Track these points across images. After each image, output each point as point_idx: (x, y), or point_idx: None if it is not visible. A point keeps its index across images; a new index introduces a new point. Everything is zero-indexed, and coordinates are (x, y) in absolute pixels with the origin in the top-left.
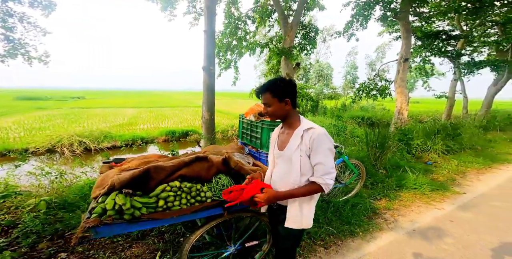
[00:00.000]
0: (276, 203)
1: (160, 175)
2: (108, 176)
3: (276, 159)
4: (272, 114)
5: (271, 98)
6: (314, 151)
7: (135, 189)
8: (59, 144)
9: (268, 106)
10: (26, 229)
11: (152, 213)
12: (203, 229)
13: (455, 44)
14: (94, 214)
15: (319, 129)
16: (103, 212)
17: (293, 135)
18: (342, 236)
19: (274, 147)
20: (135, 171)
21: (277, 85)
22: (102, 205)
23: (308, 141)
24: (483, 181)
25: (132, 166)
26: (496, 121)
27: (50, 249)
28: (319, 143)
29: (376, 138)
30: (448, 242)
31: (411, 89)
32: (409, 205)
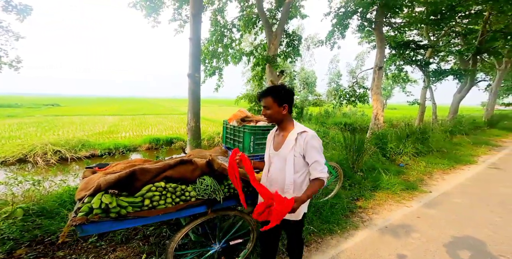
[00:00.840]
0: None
1: (146, 176)
2: (92, 179)
3: (271, 158)
4: (270, 116)
5: (271, 102)
6: (308, 152)
7: (121, 190)
8: (32, 154)
9: (268, 109)
10: (3, 236)
11: (138, 211)
12: (188, 227)
13: (424, 54)
14: (80, 212)
15: (311, 132)
16: (90, 211)
17: (288, 137)
18: (322, 234)
19: (270, 147)
20: (122, 173)
21: (279, 91)
22: (89, 204)
23: (303, 143)
24: (447, 180)
25: (117, 169)
26: (461, 126)
27: (29, 254)
28: (312, 144)
29: (353, 142)
30: (415, 237)
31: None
32: (382, 204)
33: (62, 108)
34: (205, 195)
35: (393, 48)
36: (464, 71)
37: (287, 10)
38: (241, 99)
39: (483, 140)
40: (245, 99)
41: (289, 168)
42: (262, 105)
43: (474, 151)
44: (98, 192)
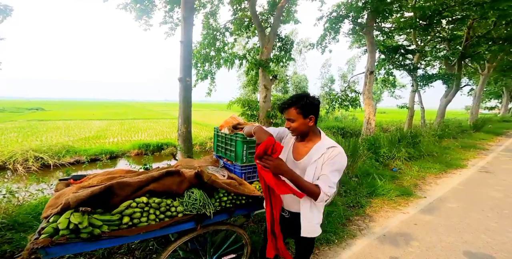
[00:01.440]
0: (287, 211)
1: (125, 191)
2: (63, 194)
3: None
4: (295, 129)
5: (296, 114)
6: (326, 164)
7: (96, 207)
8: (12, 160)
9: (292, 121)
10: None
11: (115, 230)
12: (175, 244)
13: (412, 58)
14: (44, 234)
15: (340, 149)
16: (55, 232)
17: (313, 149)
18: (319, 244)
19: (287, 154)
20: (95, 188)
21: (304, 101)
22: (54, 224)
23: (327, 157)
24: (440, 185)
25: (93, 183)
26: (449, 130)
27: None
28: (335, 161)
29: (347, 147)
30: (414, 245)
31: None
32: (378, 211)
33: (46, 113)
34: (193, 210)
35: (382, 53)
36: (451, 75)
37: (279, 14)
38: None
39: (470, 143)
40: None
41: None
42: (286, 118)
43: (463, 155)
44: (67, 210)
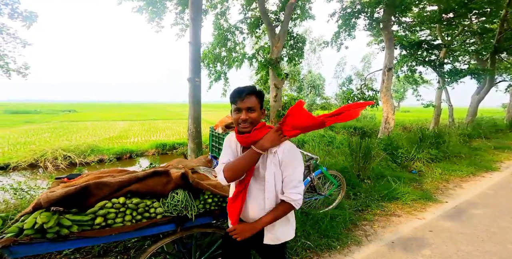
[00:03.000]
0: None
1: (103, 191)
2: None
3: None
4: (254, 121)
5: (257, 103)
6: (284, 164)
7: (70, 207)
8: (43, 159)
9: (253, 111)
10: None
11: (86, 230)
12: (154, 246)
13: (438, 53)
14: (8, 234)
15: (289, 142)
16: (20, 231)
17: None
18: (319, 250)
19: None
20: (70, 189)
21: (260, 92)
22: (20, 224)
23: (281, 154)
24: (466, 189)
25: (80, 182)
26: (481, 129)
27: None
28: (290, 157)
29: (359, 148)
30: (426, 254)
31: (401, 99)
32: (390, 215)
33: (78, 114)
34: (174, 211)
35: (404, 49)
36: (482, 71)
37: (289, 12)
38: None
39: (505, 144)
40: None
41: (270, 187)
42: (242, 107)
43: (496, 156)
44: (38, 210)
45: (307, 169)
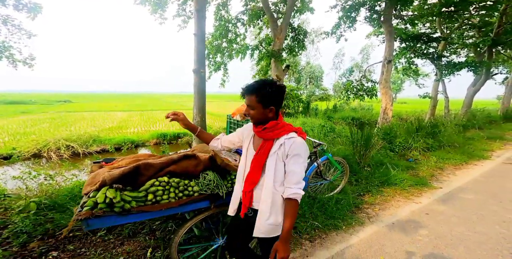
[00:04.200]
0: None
1: (149, 171)
2: (99, 174)
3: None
4: (253, 117)
5: (256, 102)
6: (290, 158)
7: (125, 185)
8: (46, 149)
9: (252, 108)
10: (17, 229)
11: (142, 206)
12: (191, 222)
13: (436, 46)
14: (85, 207)
15: (299, 139)
16: (95, 205)
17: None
18: (326, 230)
19: (248, 146)
20: (125, 168)
21: (266, 90)
22: (94, 199)
23: (288, 148)
24: (459, 176)
25: (122, 164)
26: (475, 120)
27: (41, 248)
28: (298, 152)
29: (360, 137)
30: (423, 234)
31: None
32: (389, 200)
33: (73, 105)
34: (207, 190)
35: (403, 41)
36: (479, 63)
37: (292, 4)
38: None
39: (498, 134)
40: None
41: (269, 176)
42: (245, 103)
43: (488, 146)
44: (103, 187)
45: (314, 155)
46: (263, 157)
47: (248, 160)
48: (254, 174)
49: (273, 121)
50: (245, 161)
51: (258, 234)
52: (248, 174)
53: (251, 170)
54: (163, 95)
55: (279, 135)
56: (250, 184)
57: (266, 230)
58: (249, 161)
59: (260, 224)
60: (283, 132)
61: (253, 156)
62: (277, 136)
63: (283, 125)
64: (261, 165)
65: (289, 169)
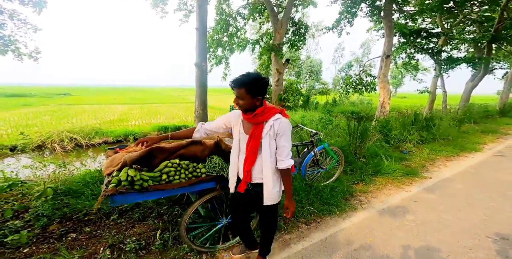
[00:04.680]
0: (250, 184)
1: (163, 154)
2: (116, 158)
3: (241, 144)
4: (242, 106)
5: (245, 94)
6: (279, 136)
7: (142, 166)
8: (50, 141)
9: (241, 99)
10: (38, 213)
11: (157, 185)
12: (199, 201)
13: (436, 41)
14: (111, 184)
15: (284, 119)
16: (118, 183)
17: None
18: (321, 214)
19: (239, 130)
20: (142, 151)
21: (253, 83)
22: (117, 177)
23: (277, 127)
24: (450, 167)
25: (136, 149)
26: (472, 114)
27: (61, 230)
28: (285, 130)
29: (356, 129)
30: (410, 219)
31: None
32: (381, 188)
33: (73, 97)
34: (214, 172)
35: (403, 36)
36: (479, 59)
37: None
38: None
39: (492, 128)
40: None
41: (265, 154)
42: (235, 94)
43: (481, 139)
44: (124, 167)
45: (311, 144)
46: (258, 140)
47: (241, 142)
48: (252, 155)
49: (260, 107)
50: (238, 144)
51: (268, 202)
52: (247, 156)
53: (248, 152)
54: (163, 89)
55: (267, 118)
56: (250, 164)
57: (273, 197)
58: (243, 143)
59: (268, 194)
60: (270, 115)
61: (247, 139)
62: (265, 119)
63: (269, 108)
64: (257, 147)
65: (280, 145)
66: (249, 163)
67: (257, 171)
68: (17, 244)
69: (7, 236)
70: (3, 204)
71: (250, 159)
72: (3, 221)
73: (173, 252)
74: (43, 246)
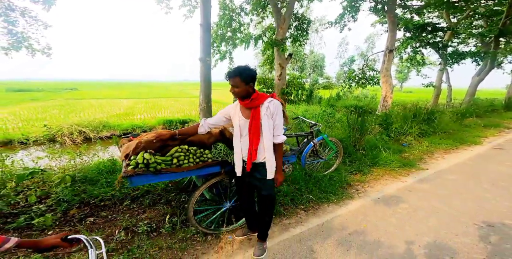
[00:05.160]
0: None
1: (175, 142)
2: (130, 145)
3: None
4: (238, 93)
5: (240, 82)
6: (276, 115)
7: (156, 151)
8: (60, 134)
9: (236, 87)
10: (58, 198)
11: (169, 168)
12: (205, 185)
13: (442, 36)
14: (130, 166)
15: (276, 100)
16: (136, 165)
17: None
18: (319, 202)
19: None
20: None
21: (244, 72)
22: (135, 160)
23: (272, 108)
24: (447, 159)
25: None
26: (476, 108)
27: (80, 214)
28: (279, 109)
29: (356, 122)
30: (403, 207)
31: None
32: (378, 179)
33: (80, 92)
34: (219, 157)
35: (408, 31)
36: (485, 53)
37: None
38: None
39: (495, 122)
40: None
41: (266, 130)
42: (230, 84)
43: (482, 132)
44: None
45: (311, 135)
46: (258, 121)
47: (242, 128)
48: (256, 135)
49: (254, 93)
50: (239, 130)
51: (270, 175)
52: (251, 137)
53: (252, 133)
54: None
55: (262, 101)
56: (255, 143)
57: (273, 171)
58: (244, 128)
59: (270, 168)
60: (264, 98)
61: (249, 123)
62: (261, 102)
63: (262, 94)
64: (258, 127)
65: (276, 123)
66: (255, 142)
67: (259, 150)
68: (43, 226)
69: (33, 219)
70: (26, 191)
71: (255, 138)
72: (29, 206)
73: (181, 234)
74: (65, 229)
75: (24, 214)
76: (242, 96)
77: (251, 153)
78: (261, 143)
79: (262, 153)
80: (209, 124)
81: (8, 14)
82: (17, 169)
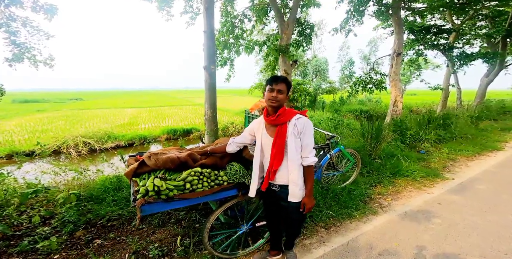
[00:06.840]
0: (277, 185)
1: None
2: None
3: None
4: (280, 100)
5: (285, 88)
6: (303, 134)
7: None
8: (65, 145)
9: (281, 93)
10: (64, 219)
11: (182, 194)
12: (221, 209)
13: (447, 38)
14: (139, 194)
15: (305, 118)
16: (146, 193)
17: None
18: (340, 218)
19: (262, 134)
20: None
21: (288, 82)
22: (144, 187)
23: (300, 126)
24: (471, 167)
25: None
26: (489, 111)
27: (87, 236)
28: (307, 129)
29: (371, 129)
30: (435, 222)
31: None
32: (401, 191)
33: (85, 102)
34: (235, 179)
35: (412, 33)
36: (494, 54)
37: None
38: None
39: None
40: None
41: (292, 150)
42: (275, 88)
43: (501, 137)
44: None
45: (327, 147)
46: (283, 139)
47: (265, 145)
48: (279, 154)
49: (282, 107)
50: (261, 147)
51: (293, 199)
52: (273, 156)
53: (275, 151)
54: (169, 91)
55: (289, 118)
56: (277, 163)
57: (297, 194)
58: (267, 146)
59: (294, 191)
60: (291, 115)
61: (273, 140)
62: (287, 119)
63: (289, 110)
64: (283, 146)
65: (305, 143)
66: (276, 163)
67: (282, 172)
68: (48, 250)
69: (38, 242)
70: (30, 210)
71: (277, 159)
72: (33, 227)
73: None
74: (72, 252)
75: (28, 236)
76: (277, 108)
77: (269, 174)
78: (283, 166)
79: (285, 174)
80: (237, 142)
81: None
82: (20, 186)
